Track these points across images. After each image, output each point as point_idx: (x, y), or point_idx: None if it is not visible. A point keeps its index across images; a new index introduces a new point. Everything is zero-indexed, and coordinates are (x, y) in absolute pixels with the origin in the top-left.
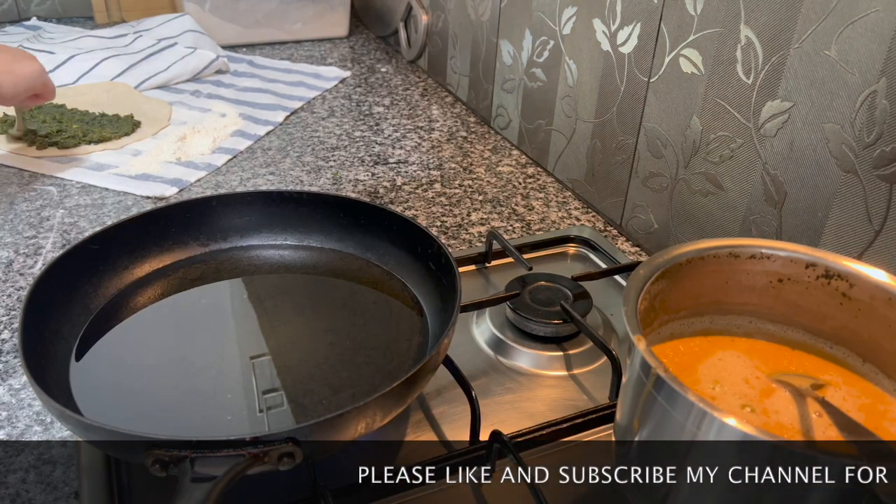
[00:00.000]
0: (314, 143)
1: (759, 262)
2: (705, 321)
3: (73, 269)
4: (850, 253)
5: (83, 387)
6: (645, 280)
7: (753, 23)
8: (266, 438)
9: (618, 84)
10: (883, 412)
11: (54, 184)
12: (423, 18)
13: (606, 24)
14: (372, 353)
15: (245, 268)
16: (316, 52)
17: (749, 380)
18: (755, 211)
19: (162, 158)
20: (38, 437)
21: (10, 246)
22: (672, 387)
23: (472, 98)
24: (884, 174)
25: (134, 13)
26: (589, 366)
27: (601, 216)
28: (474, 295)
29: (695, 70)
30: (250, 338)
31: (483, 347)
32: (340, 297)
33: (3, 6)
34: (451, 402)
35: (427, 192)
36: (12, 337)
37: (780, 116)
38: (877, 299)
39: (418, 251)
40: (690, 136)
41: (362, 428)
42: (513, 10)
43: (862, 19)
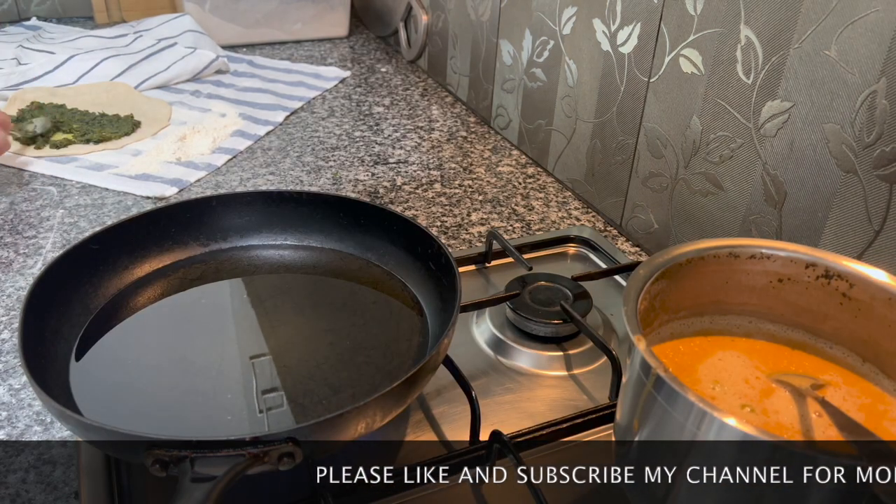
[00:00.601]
0: (314, 143)
1: (759, 262)
2: (705, 321)
3: (73, 269)
4: (850, 253)
5: (83, 387)
6: (645, 280)
7: (753, 23)
8: (266, 438)
9: (618, 84)
10: (883, 412)
11: (54, 184)
12: (423, 18)
13: (606, 24)
14: (372, 353)
15: (245, 268)
16: (316, 52)
17: (749, 380)
18: (755, 211)
19: (162, 158)
20: (38, 437)
21: (10, 246)
22: (672, 387)
23: (472, 98)
24: (884, 174)
25: (134, 13)
26: (589, 366)
27: (601, 216)
28: (474, 295)
29: (695, 70)
30: (250, 338)
31: (483, 347)
32: (340, 297)
33: (3, 6)
34: (451, 402)
35: (427, 192)
36: (12, 337)
37: (780, 116)
38: (877, 299)
39: (418, 251)
40: (690, 136)
41: (362, 428)
42: (513, 10)
43: (862, 19)
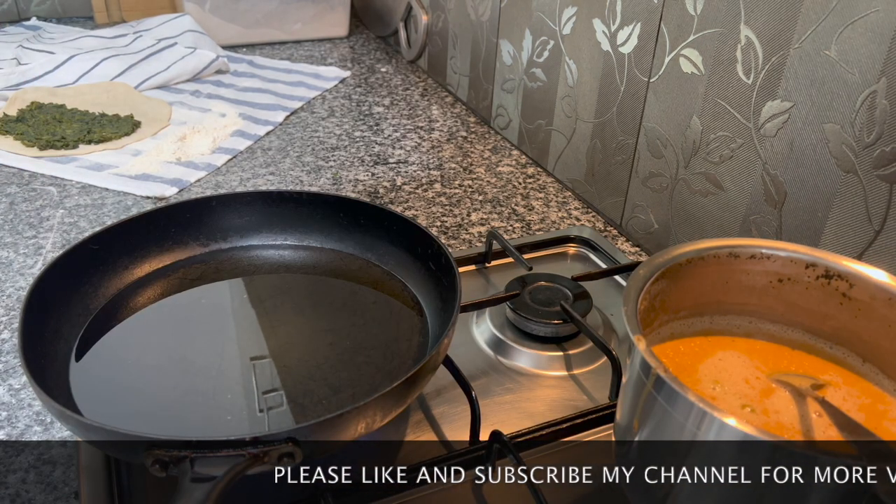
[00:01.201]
0: (314, 143)
1: (759, 262)
2: (705, 321)
3: (73, 269)
4: (850, 253)
5: (83, 387)
6: (645, 280)
7: (753, 23)
8: (266, 438)
9: (618, 84)
10: (883, 412)
11: (54, 184)
12: (423, 18)
13: (606, 24)
14: (372, 353)
15: (245, 268)
16: (316, 52)
17: (749, 380)
18: (755, 211)
19: (162, 158)
20: (38, 437)
21: (10, 246)
22: (672, 387)
23: (472, 98)
24: (884, 174)
25: (134, 13)
26: (589, 366)
27: (601, 216)
28: (474, 295)
29: (695, 70)
30: (250, 338)
31: (483, 347)
32: (340, 298)
33: (3, 6)
34: (451, 402)
35: (427, 192)
36: (12, 337)
37: (780, 116)
38: (877, 299)
39: (418, 251)
40: (690, 136)
41: (362, 428)
42: (513, 10)
43: (862, 19)
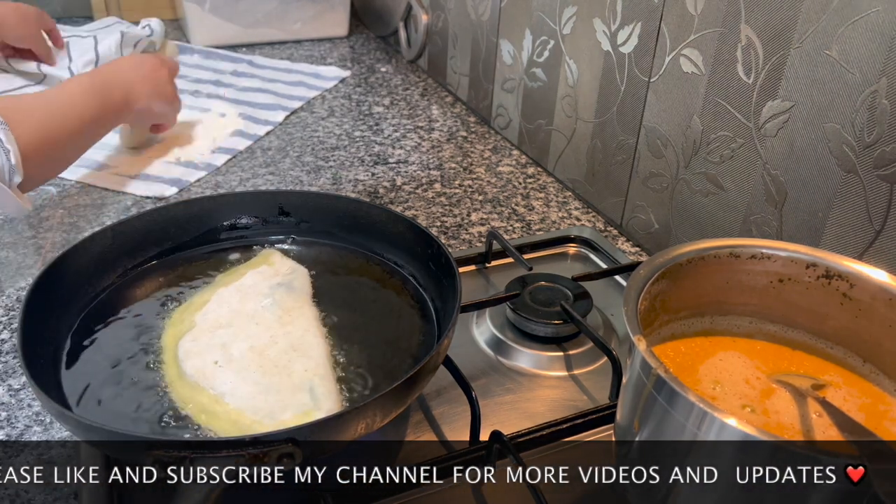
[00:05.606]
0: (314, 143)
1: (759, 262)
2: (706, 321)
3: (73, 269)
4: (851, 253)
5: (83, 387)
6: (645, 280)
7: (754, 22)
8: (266, 438)
9: (618, 84)
10: (883, 412)
11: (54, 184)
12: (423, 18)
13: (607, 23)
14: (372, 353)
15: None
16: (316, 52)
17: (749, 380)
18: (755, 211)
19: (162, 158)
20: (37, 438)
21: (10, 246)
22: (672, 387)
23: (472, 98)
24: (884, 174)
25: (134, 13)
26: (589, 366)
27: (601, 216)
28: (474, 295)
29: (695, 70)
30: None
31: (483, 348)
32: (340, 298)
33: None
34: (451, 402)
35: (427, 192)
36: (12, 337)
37: (780, 116)
38: (877, 300)
39: (418, 251)
40: (691, 135)
41: (362, 428)
42: (513, 9)
43: (862, 19)
